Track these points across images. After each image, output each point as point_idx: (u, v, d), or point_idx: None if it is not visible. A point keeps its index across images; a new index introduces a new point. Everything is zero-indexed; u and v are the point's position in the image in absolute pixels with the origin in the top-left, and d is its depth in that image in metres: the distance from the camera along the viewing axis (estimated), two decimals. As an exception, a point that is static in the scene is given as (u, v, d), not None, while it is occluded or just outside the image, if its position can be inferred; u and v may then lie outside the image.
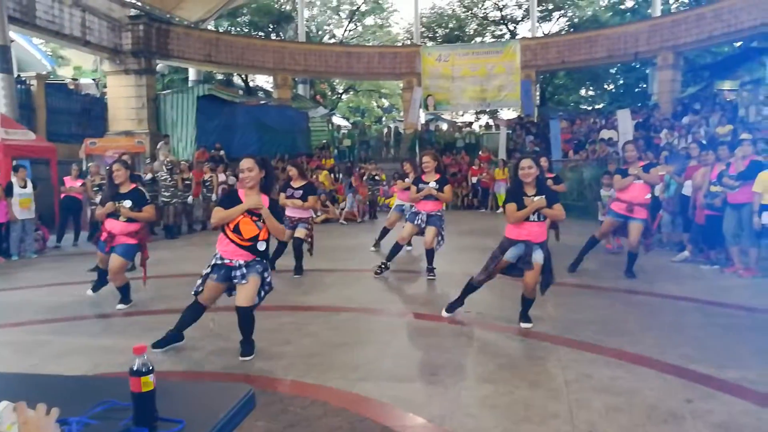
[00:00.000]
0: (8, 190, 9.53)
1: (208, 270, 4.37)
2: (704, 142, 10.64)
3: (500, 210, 11.80)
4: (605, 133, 16.78)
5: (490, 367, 4.11)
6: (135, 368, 1.58)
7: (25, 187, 9.73)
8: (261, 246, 4.31)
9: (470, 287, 5.19)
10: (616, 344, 4.50)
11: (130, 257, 5.98)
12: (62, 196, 11.07)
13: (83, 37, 16.12)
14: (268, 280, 4.41)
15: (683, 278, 7.01)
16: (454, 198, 17.28)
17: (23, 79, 15.59)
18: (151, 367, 1.60)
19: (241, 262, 4.26)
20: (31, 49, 24.39)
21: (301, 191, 7.46)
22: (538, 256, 4.88)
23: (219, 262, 4.31)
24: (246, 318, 4.32)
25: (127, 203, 5.73)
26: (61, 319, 5.66)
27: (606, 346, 4.47)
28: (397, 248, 7.33)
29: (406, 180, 8.55)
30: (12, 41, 13.77)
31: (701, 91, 20.08)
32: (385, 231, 9.58)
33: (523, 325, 5.00)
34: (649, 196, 6.94)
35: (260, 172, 4.34)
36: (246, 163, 4.34)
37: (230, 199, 4.40)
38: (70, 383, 2.24)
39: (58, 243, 10.91)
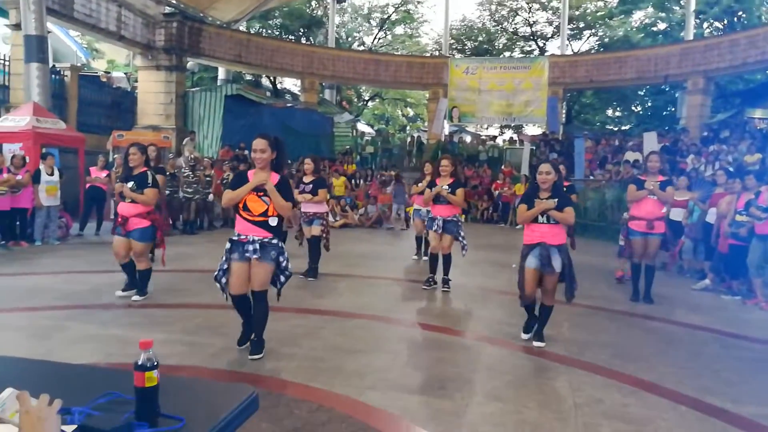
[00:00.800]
0: (36, 177, 9.72)
1: (228, 247, 4.37)
2: (731, 169, 10.45)
3: (519, 225, 11.74)
4: (630, 155, 16.58)
5: (499, 384, 4.06)
6: (140, 363, 1.58)
7: (52, 174, 9.92)
8: (272, 221, 4.31)
9: (527, 310, 5.11)
10: (630, 370, 4.41)
11: (148, 239, 6.01)
12: (87, 185, 11.25)
13: (118, 31, 16.43)
14: (284, 265, 4.40)
15: (703, 307, 6.86)
16: (474, 211, 17.26)
17: (58, 69, 15.93)
18: (155, 363, 1.60)
19: (255, 237, 4.28)
20: (67, 41, 24.90)
21: (311, 185, 7.52)
22: (556, 261, 4.84)
23: (235, 238, 4.35)
24: (260, 303, 4.36)
25: (130, 184, 5.82)
26: (77, 307, 5.73)
27: (619, 371, 4.39)
28: (434, 258, 7.28)
29: (420, 184, 8.54)
30: (49, 32, 14.05)
31: (731, 118, 19.77)
32: (419, 240, 9.59)
33: (536, 344, 4.94)
34: (665, 210, 6.85)
35: (272, 154, 4.38)
36: (259, 143, 4.35)
37: (239, 179, 4.43)
38: (77, 372, 2.26)
39: (80, 231, 11.07)
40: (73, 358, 4.16)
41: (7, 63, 14.42)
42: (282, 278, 4.46)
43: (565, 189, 7.84)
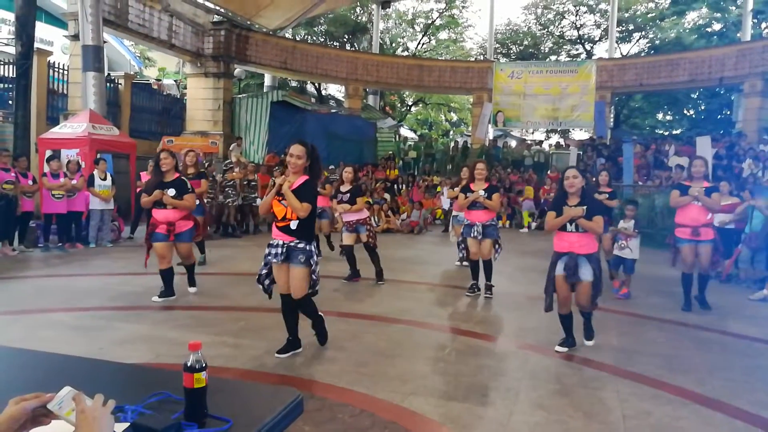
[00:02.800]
0: (90, 182, 10.11)
1: (266, 252, 4.53)
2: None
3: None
4: (675, 160, 15.97)
5: (544, 393, 3.98)
6: (189, 364, 1.62)
7: (105, 179, 10.29)
8: (293, 225, 4.36)
9: (562, 320, 5.00)
10: (681, 382, 4.26)
11: (191, 239, 6.37)
12: (138, 190, 11.61)
13: (169, 40, 16.94)
14: (313, 268, 4.45)
15: (760, 318, 6.57)
16: (518, 217, 17.03)
17: (113, 77, 16.55)
18: (204, 364, 1.63)
19: (280, 242, 4.41)
20: (121, 50, 25.89)
21: (348, 194, 7.58)
22: (586, 272, 4.74)
23: (270, 242, 4.51)
24: (303, 306, 4.50)
25: (171, 191, 6.00)
26: (129, 308, 5.93)
27: (670, 382, 4.24)
28: (474, 265, 7.23)
29: (455, 189, 8.50)
30: (105, 42, 14.60)
31: (791, 121, 18.92)
32: (459, 245, 9.53)
33: (587, 342, 4.94)
34: (710, 216, 6.59)
35: (307, 161, 4.46)
36: (296, 149, 4.44)
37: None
38: (130, 371, 2.33)
39: (131, 234, 11.44)
40: (125, 357, 4.30)
41: (66, 72, 15.05)
42: (313, 276, 4.48)
43: (607, 195, 7.72)
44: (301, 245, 4.39)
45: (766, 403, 3.92)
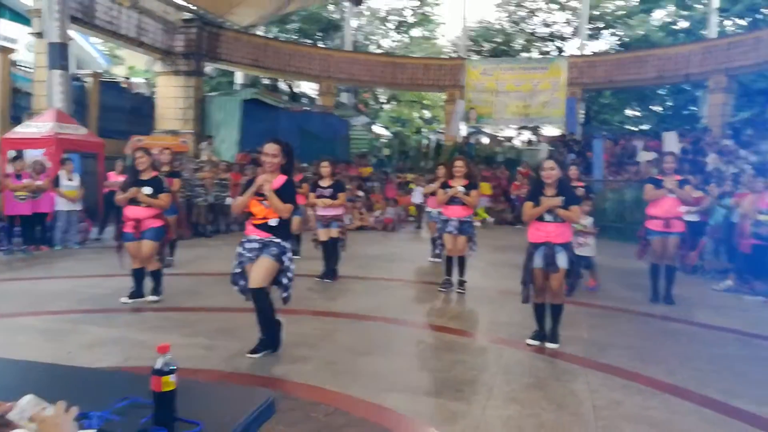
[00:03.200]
0: (56, 182, 9.88)
1: (238, 251, 4.47)
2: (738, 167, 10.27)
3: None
4: (644, 155, 16.31)
5: (516, 386, 4.02)
6: (157, 367, 1.59)
7: (71, 179, 10.07)
8: (272, 222, 4.35)
9: (534, 309, 5.03)
10: (650, 372, 4.35)
11: (159, 238, 6.10)
12: (106, 190, 11.39)
13: (138, 38, 16.65)
14: (287, 264, 4.40)
15: (724, 308, 6.74)
16: (491, 212, 17.20)
17: (79, 76, 16.20)
18: (173, 367, 1.61)
19: (256, 237, 4.38)
20: (88, 48, 25.31)
21: (330, 189, 7.54)
22: (562, 259, 4.79)
23: (243, 240, 4.46)
24: (258, 301, 4.34)
25: (147, 189, 5.89)
26: (97, 310, 5.81)
27: (639, 373, 4.32)
28: (449, 260, 7.26)
29: (431, 185, 8.53)
30: (71, 40, 14.28)
31: (755, 117, 19.45)
32: (434, 240, 9.56)
33: (549, 345, 4.89)
34: (684, 209, 6.75)
35: (282, 159, 4.45)
36: (271, 148, 4.43)
37: (248, 186, 4.50)
38: (98, 376, 2.29)
39: (100, 235, 11.22)
40: (93, 361, 4.22)
41: (31, 70, 14.68)
42: (285, 280, 4.42)
43: (582, 189, 7.81)
44: (276, 240, 4.38)
45: (733, 391, 4.02)
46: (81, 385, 1.99)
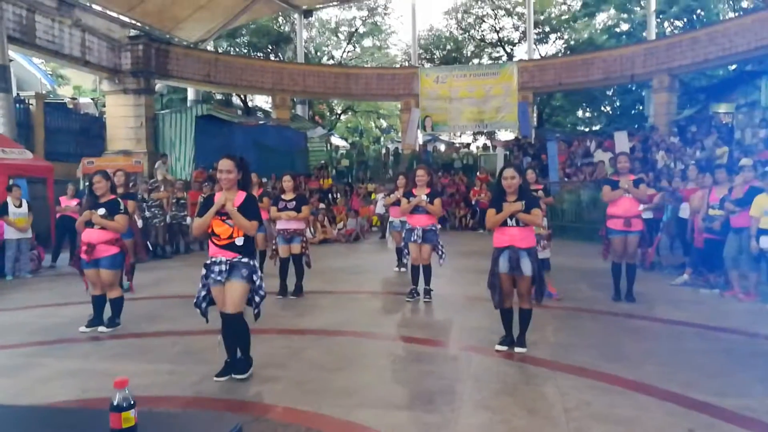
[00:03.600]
0: (3, 209, 9.48)
1: (203, 273, 4.35)
2: (685, 164, 10.65)
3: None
4: (600, 155, 16.78)
5: (487, 393, 4.04)
6: (115, 403, 1.53)
7: (20, 206, 9.68)
8: (238, 241, 4.26)
9: (502, 314, 5.07)
10: (615, 370, 4.43)
11: (117, 266, 5.89)
12: (58, 215, 11.00)
13: (83, 56, 16.21)
14: (258, 284, 4.34)
15: (682, 302, 6.95)
16: (452, 219, 17.35)
17: (22, 98, 15.65)
18: (132, 402, 1.55)
19: (223, 258, 4.25)
20: (31, 69, 24.54)
21: (294, 202, 7.45)
22: (526, 265, 4.84)
23: (209, 262, 4.32)
24: (233, 326, 4.26)
25: (101, 211, 5.69)
26: (53, 342, 5.58)
27: (605, 371, 4.40)
28: (416, 270, 7.25)
29: (392, 195, 8.54)
30: (11, 60, 13.81)
31: (697, 114, 20.22)
32: (399, 251, 9.56)
33: (518, 349, 4.92)
34: (641, 208, 6.94)
35: (238, 174, 4.37)
36: (225, 164, 4.34)
37: (206, 205, 4.38)
38: (52, 415, 2.18)
39: (53, 263, 10.82)
40: (50, 396, 4.05)
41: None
42: (257, 298, 4.37)
43: (542, 192, 7.94)
44: (244, 260, 4.28)
45: (693, 383, 4.13)
46: (36, 426, 1.89)
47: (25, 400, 3.98)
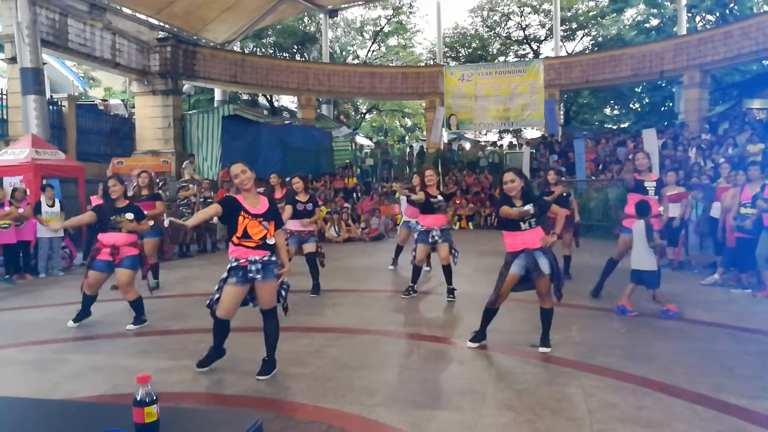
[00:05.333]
0: (37, 209, 9.73)
1: (225, 275, 4.38)
2: (718, 161, 10.39)
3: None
4: (622, 153, 16.43)
5: (510, 393, 4.00)
6: (138, 398, 1.56)
7: (52, 206, 9.92)
8: (270, 241, 4.38)
9: (488, 313, 5.09)
10: (642, 371, 4.36)
11: (136, 267, 6.04)
12: (89, 214, 11.23)
13: (113, 59, 16.53)
14: (283, 278, 4.47)
15: (713, 302, 6.79)
16: (477, 218, 17.28)
17: (55, 100, 16.03)
18: (154, 397, 1.57)
19: (257, 257, 4.32)
20: (63, 71, 25.12)
21: (310, 204, 7.50)
22: (544, 264, 4.80)
23: (235, 264, 4.34)
24: (271, 320, 4.42)
25: (130, 215, 5.87)
26: (83, 338, 5.71)
27: (631, 373, 4.33)
28: (416, 270, 7.29)
29: (417, 194, 8.51)
30: (45, 64, 14.15)
31: (730, 110, 19.74)
32: (399, 249, 9.62)
33: (542, 349, 4.88)
34: (661, 208, 6.81)
35: (252, 174, 4.44)
36: (238, 167, 4.41)
37: (230, 205, 4.38)
38: (81, 409, 2.23)
39: (84, 260, 11.05)
40: (79, 391, 4.14)
41: (4, 96, 14.51)
42: (283, 292, 4.51)
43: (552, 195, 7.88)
44: (273, 258, 4.41)
45: (723, 385, 4.04)
46: (64, 420, 1.94)
47: (54, 394, 4.08)
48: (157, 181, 9.55)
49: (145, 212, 6.21)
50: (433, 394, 4.04)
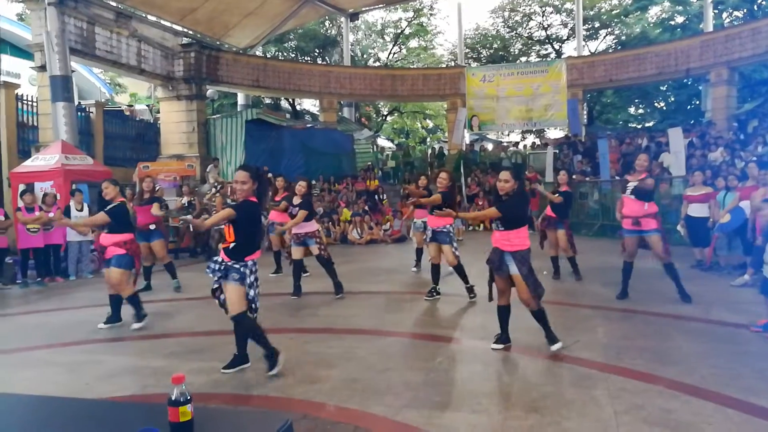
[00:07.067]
0: (66, 213, 9.95)
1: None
2: (748, 159, 10.18)
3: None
4: (666, 157, 15.99)
5: (536, 395, 3.99)
6: (173, 398, 1.60)
7: (81, 210, 10.14)
8: (231, 244, 4.47)
9: (498, 311, 5.15)
10: (670, 374, 4.30)
11: (125, 266, 6.20)
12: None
13: (138, 65, 16.82)
14: (251, 288, 4.52)
15: (742, 304, 6.66)
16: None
17: (83, 106, 16.37)
18: (188, 397, 1.61)
19: (219, 259, 4.54)
20: (91, 78, 25.64)
21: (297, 207, 7.56)
22: (511, 267, 4.88)
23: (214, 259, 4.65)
24: (239, 326, 4.55)
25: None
26: (113, 339, 5.83)
27: (659, 375, 4.28)
28: (435, 268, 7.30)
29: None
30: (73, 71, 14.46)
31: (759, 107, 19.33)
32: (419, 252, 9.63)
33: (553, 347, 4.87)
34: (647, 207, 6.69)
35: (253, 184, 4.50)
36: (240, 176, 4.49)
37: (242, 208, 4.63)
38: (115, 408, 2.29)
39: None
40: (111, 391, 4.23)
41: (35, 104, 14.86)
42: (253, 305, 4.60)
43: (558, 194, 7.96)
44: (237, 265, 4.48)
45: (754, 388, 3.97)
46: (98, 419, 1.99)
47: (86, 395, 4.17)
48: (157, 187, 9.78)
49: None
50: (458, 396, 4.04)
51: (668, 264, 6.74)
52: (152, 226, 8.23)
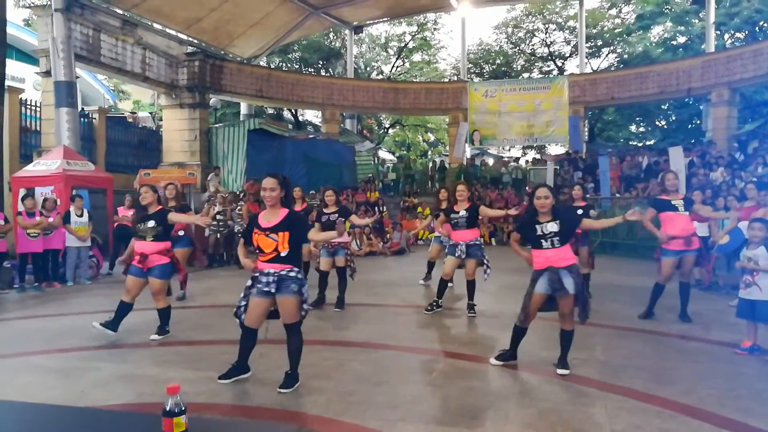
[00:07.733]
0: (66, 219, 9.96)
1: (249, 283, 4.48)
2: (751, 180, 10.20)
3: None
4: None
5: (533, 412, 3.97)
6: (167, 409, 1.59)
7: (81, 215, 10.15)
8: (283, 253, 4.38)
9: (517, 332, 5.04)
10: (668, 393, 4.28)
11: (167, 276, 6.06)
12: (115, 224, 11.46)
13: (143, 73, 16.92)
14: (305, 297, 4.46)
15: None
16: (500, 234, 17.18)
17: (87, 112, 16.44)
18: (183, 408, 1.61)
19: (271, 270, 4.37)
20: (95, 84, 25.78)
21: (336, 215, 7.47)
22: (569, 282, 4.73)
23: (256, 275, 4.44)
24: (294, 335, 4.44)
25: (151, 223, 5.95)
26: (110, 346, 5.80)
27: (657, 394, 4.26)
28: (443, 284, 7.28)
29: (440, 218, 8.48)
30: (78, 77, 14.53)
31: (760, 128, 19.40)
32: (431, 264, 9.60)
33: (560, 371, 4.79)
34: (697, 224, 6.73)
35: (281, 192, 4.49)
36: (269, 182, 4.47)
37: (249, 223, 4.60)
38: (108, 418, 2.27)
39: (110, 270, 11.26)
40: (106, 399, 4.20)
41: (39, 109, 14.91)
42: (302, 312, 4.49)
43: (581, 209, 7.78)
44: (291, 273, 4.39)
45: (751, 410, 3.95)
46: (92, 429, 1.98)
47: (81, 402, 4.14)
48: (183, 193, 9.72)
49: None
50: (455, 411, 4.02)
51: (687, 284, 6.73)
52: (181, 233, 8.09)
